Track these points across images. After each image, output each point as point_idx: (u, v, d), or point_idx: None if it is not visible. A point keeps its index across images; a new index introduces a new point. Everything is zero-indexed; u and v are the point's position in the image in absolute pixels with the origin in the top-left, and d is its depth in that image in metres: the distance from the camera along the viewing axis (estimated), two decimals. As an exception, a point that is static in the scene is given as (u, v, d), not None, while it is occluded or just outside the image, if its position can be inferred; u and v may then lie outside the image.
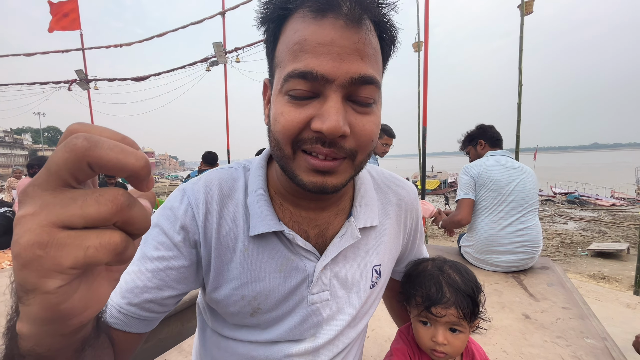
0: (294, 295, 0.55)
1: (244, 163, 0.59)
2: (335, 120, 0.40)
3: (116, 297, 0.47)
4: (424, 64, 4.60)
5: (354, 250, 0.58)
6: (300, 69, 0.40)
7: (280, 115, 0.43)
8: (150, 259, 0.48)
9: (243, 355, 0.57)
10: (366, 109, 0.44)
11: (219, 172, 0.57)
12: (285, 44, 0.43)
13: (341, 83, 0.40)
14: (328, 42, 0.40)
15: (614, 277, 4.82)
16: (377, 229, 0.61)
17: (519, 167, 1.94)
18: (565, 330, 1.24)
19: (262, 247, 0.53)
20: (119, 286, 0.47)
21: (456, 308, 0.64)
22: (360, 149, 0.45)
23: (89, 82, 9.54)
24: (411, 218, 0.67)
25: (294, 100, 0.42)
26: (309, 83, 0.41)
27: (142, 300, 0.47)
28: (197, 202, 0.51)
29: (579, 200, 12.62)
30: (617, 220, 8.94)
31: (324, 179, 0.44)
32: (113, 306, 0.46)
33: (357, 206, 0.58)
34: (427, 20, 4.39)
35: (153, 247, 0.49)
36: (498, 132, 2.13)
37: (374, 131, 0.45)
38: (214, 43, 8.00)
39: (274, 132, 0.45)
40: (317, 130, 0.41)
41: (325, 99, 0.41)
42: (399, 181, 0.67)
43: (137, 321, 0.48)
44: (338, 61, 0.40)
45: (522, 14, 4.71)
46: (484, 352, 0.73)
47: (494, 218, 1.89)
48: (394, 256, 0.66)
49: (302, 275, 0.54)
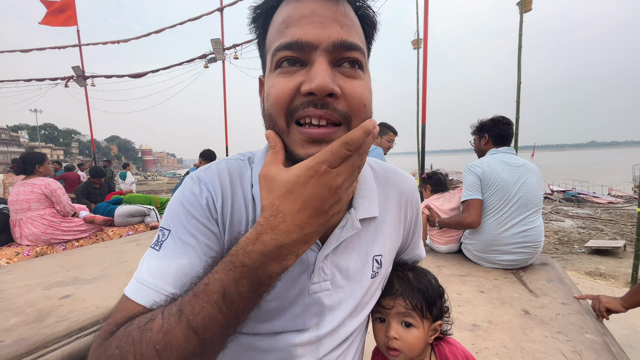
0: (296, 285, 0.55)
1: (248, 154, 0.60)
2: (322, 78, 0.41)
3: (169, 287, 0.46)
4: (423, 61, 4.59)
5: (355, 241, 0.59)
6: (286, 41, 0.43)
7: (272, 87, 0.45)
8: (193, 245, 0.49)
9: (246, 346, 0.56)
10: (353, 72, 0.45)
11: (227, 161, 0.57)
12: (274, 27, 0.46)
13: (325, 47, 0.43)
14: (309, 13, 0.43)
15: (611, 274, 4.85)
16: (378, 220, 0.61)
17: (523, 165, 1.89)
18: (565, 325, 1.24)
19: None
20: (170, 276, 0.46)
21: (404, 299, 0.66)
22: (353, 113, 0.45)
23: (86, 79, 9.46)
24: (412, 210, 0.68)
25: (283, 72, 0.44)
26: (295, 53, 0.43)
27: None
28: (215, 188, 0.53)
29: (576, 198, 12.68)
30: (614, 218, 8.99)
31: (320, 148, 0.43)
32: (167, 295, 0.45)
33: (357, 197, 0.58)
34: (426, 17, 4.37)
35: (189, 233, 0.49)
36: (509, 130, 2.00)
37: (365, 95, 0.46)
38: (212, 40, 7.96)
39: (267, 108, 0.46)
40: (306, 91, 0.42)
41: (312, 64, 0.43)
42: (399, 173, 0.68)
43: None
44: (319, 29, 0.43)
45: (521, 12, 4.71)
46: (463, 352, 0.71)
47: (498, 219, 1.86)
48: (394, 247, 0.66)
49: (303, 265, 0.55)
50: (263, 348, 0.56)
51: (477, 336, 1.18)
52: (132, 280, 0.48)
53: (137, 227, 3.41)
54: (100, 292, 1.57)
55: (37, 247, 2.63)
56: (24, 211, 2.66)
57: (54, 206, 2.79)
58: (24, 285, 1.69)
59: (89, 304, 1.43)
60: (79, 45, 9.28)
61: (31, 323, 1.27)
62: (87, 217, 3.04)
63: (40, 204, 2.71)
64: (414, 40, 6.58)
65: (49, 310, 1.37)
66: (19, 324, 1.26)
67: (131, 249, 2.43)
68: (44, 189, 2.72)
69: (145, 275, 0.47)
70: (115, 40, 9.37)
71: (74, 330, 1.23)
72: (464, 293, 1.55)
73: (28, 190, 2.70)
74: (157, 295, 0.45)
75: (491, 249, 1.87)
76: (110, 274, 1.85)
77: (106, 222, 3.16)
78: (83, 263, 2.08)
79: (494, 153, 1.97)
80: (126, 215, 3.39)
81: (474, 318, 1.31)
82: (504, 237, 1.82)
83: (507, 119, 2.04)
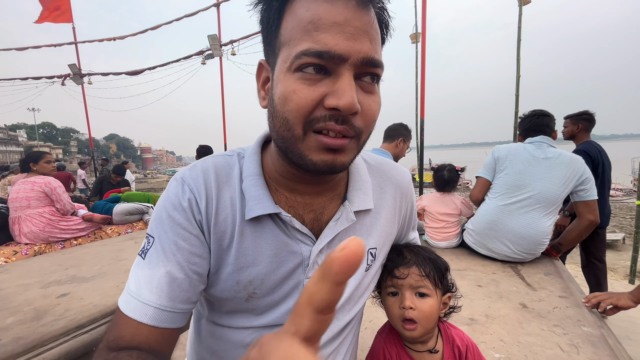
0: (290, 279, 0.55)
1: (237, 150, 0.59)
2: (351, 97, 0.41)
3: (155, 297, 0.47)
4: (422, 55, 4.55)
5: (349, 234, 0.58)
6: (317, 48, 0.40)
7: (292, 93, 0.42)
8: (174, 253, 0.49)
9: (238, 342, 0.56)
10: (372, 87, 0.45)
11: (214, 158, 0.56)
12: (296, 21, 0.42)
13: (354, 62, 0.41)
14: (342, 21, 0.40)
15: (610, 266, 4.87)
16: (372, 212, 0.61)
17: (551, 158, 1.78)
18: (562, 318, 1.24)
19: (257, 232, 0.53)
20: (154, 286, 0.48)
21: (417, 266, 0.66)
22: (365, 129, 0.46)
23: (82, 77, 9.41)
24: (406, 203, 0.68)
25: (306, 78, 0.42)
26: (323, 61, 0.41)
27: (180, 295, 0.49)
28: (198, 189, 0.52)
29: (575, 192, 12.68)
30: (613, 211, 9.00)
31: (334, 156, 0.44)
32: (154, 307, 0.47)
33: (351, 190, 0.58)
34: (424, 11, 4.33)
35: (172, 241, 0.49)
36: (535, 121, 1.92)
37: (377, 111, 0.46)
38: (209, 35, 7.90)
39: (284, 112, 0.43)
40: (332, 107, 0.41)
41: (339, 76, 0.42)
42: (393, 165, 0.68)
43: (179, 315, 0.50)
44: (352, 41, 0.41)
45: (520, 4, 4.67)
46: (467, 337, 0.72)
47: (504, 203, 1.83)
48: (389, 241, 0.66)
49: (298, 259, 0.54)
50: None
51: (474, 330, 1.18)
52: (124, 291, 0.50)
53: (136, 225, 3.41)
54: (97, 290, 1.58)
55: (35, 245, 2.63)
56: (23, 209, 2.66)
57: (53, 204, 2.79)
58: (22, 284, 1.69)
59: (87, 302, 1.43)
60: (75, 42, 9.21)
61: (28, 322, 1.27)
62: (85, 216, 3.04)
63: (40, 202, 2.71)
64: (412, 34, 6.53)
65: (46, 309, 1.38)
66: (16, 322, 1.26)
67: (129, 247, 2.43)
68: (44, 187, 2.72)
69: (133, 287, 0.49)
70: (112, 37, 9.30)
71: (71, 329, 1.23)
72: (461, 287, 1.55)
73: (28, 188, 2.70)
74: (143, 308, 0.47)
75: (491, 233, 1.85)
76: (108, 272, 1.85)
77: (105, 221, 3.16)
78: (81, 261, 2.08)
79: (528, 142, 1.92)
80: (124, 213, 3.38)
81: (471, 312, 1.31)
82: (506, 223, 1.80)
83: (535, 112, 1.97)
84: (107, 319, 1.33)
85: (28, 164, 2.85)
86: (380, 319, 1.31)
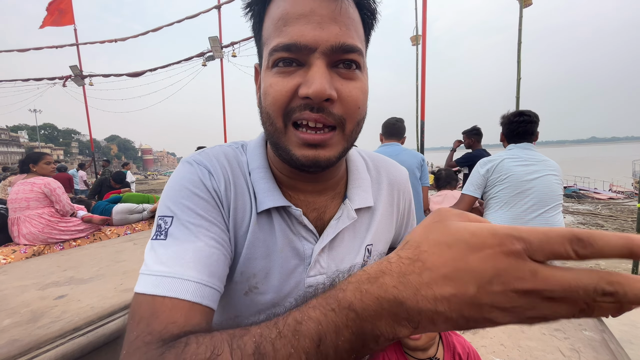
0: (291, 277, 0.54)
1: (240, 143, 0.59)
2: (320, 83, 0.41)
3: (195, 273, 0.41)
4: (422, 57, 4.56)
5: (350, 232, 0.58)
6: (284, 42, 0.42)
7: (269, 87, 0.44)
8: (201, 226, 0.45)
9: None
10: (350, 73, 0.44)
11: (222, 147, 0.56)
12: (270, 20, 0.45)
13: (323, 50, 0.42)
14: (308, 12, 0.41)
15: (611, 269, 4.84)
16: (372, 210, 0.60)
17: (542, 161, 1.83)
18: (563, 322, 1.23)
19: (266, 225, 0.52)
20: (188, 261, 0.41)
21: None
22: (348, 116, 0.45)
23: (83, 78, 9.44)
24: (404, 199, 0.67)
25: (280, 72, 0.43)
26: (293, 54, 0.42)
27: (218, 269, 0.44)
28: (216, 171, 0.50)
29: (576, 194, 12.66)
30: (614, 214, 8.97)
31: (316, 152, 0.44)
32: (197, 282, 0.41)
33: (351, 188, 0.58)
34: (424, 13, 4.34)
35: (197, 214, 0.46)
36: (523, 126, 1.86)
37: (360, 97, 0.45)
38: (210, 37, 7.94)
39: (265, 107, 0.45)
40: (304, 95, 0.42)
41: (310, 66, 0.42)
42: (389, 162, 0.68)
43: (218, 294, 0.44)
44: (318, 30, 0.41)
45: (521, 6, 4.67)
46: (468, 344, 0.71)
47: (514, 214, 1.80)
48: (387, 239, 0.65)
49: (299, 258, 0.54)
50: None
51: (474, 334, 1.17)
52: (142, 277, 0.41)
53: (135, 227, 3.41)
54: (95, 292, 1.57)
55: (34, 246, 2.63)
56: (22, 210, 2.66)
57: (52, 205, 2.79)
58: (19, 285, 1.68)
59: (84, 304, 1.42)
60: (77, 44, 9.25)
61: (25, 324, 1.26)
62: (85, 217, 3.03)
63: (40, 202, 2.71)
64: (413, 36, 6.54)
65: (43, 311, 1.37)
66: (12, 324, 1.25)
67: (128, 249, 2.43)
68: (43, 188, 2.72)
69: (158, 267, 0.41)
70: (113, 39, 9.34)
71: (67, 331, 1.22)
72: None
73: (28, 189, 2.70)
74: (182, 284, 0.39)
75: None
76: (106, 273, 1.84)
77: (104, 222, 3.15)
78: (79, 263, 2.07)
79: (512, 148, 1.90)
80: (125, 212, 3.38)
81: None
82: None
83: (522, 113, 1.88)
84: (104, 322, 1.32)
85: (28, 165, 2.85)
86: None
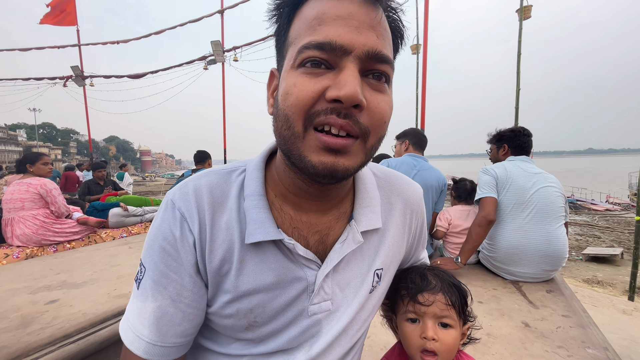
0: (294, 306, 0.51)
1: (238, 164, 0.55)
2: (353, 87, 0.38)
3: (147, 332, 0.48)
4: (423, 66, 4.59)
5: (357, 255, 0.55)
6: (319, 40, 0.39)
7: (293, 86, 0.40)
8: (165, 286, 0.48)
9: None
10: (380, 86, 0.42)
11: (208, 177, 0.52)
12: (302, 21, 0.42)
13: (358, 55, 0.39)
14: (346, 15, 0.39)
15: (608, 281, 4.83)
16: (380, 231, 0.57)
17: (541, 173, 1.86)
18: (566, 339, 1.21)
19: (258, 257, 0.49)
20: (145, 319, 0.48)
21: (443, 294, 0.61)
22: (373, 129, 0.42)
23: (84, 79, 9.44)
24: (417, 219, 0.63)
25: (307, 72, 0.40)
26: (325, 54, 0.39)
27: (172, 329, 0.49)
28: (190, 213, 0.48)
29: (574, 205, 12.69)
30: (611, 225, 8.99)
31: (335, 159, 0.40)
32: (146, 341, 0.48)
33: (358, 208, 0.54)
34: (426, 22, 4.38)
35: (163, 273, 0.48)
36: (529, 141, 2.01)
37: (387, 112, 0.43)
38: (212, 41, 7.96)
39: (284, 108, 0.41)
40: (333, 98, 0.38)
41: (342, 69, 0.39)
42: (404, 180, 0.63)
43: (173, 349, 0.50)
44: (356, 34, 0.39)
45: (520, 19, 4.73)
46: None
47: (517, 225, 1.79)
48: (397, 260, 0.62)
49: (302, 285, 0.51)
50: None
51: (475, 349, 1.14)
52: (124, 316, 0.51)
53: (131, 230, 3.36)
54: (88, 297, 1.53)
55: (27, 248, 2.58)
56: (17, 210, 2.61)
57: (48, 207, 2.75)
58: (10, 289, 1.64)
59: (76, 310, 1.38)
60: (79, 45, 9.26)
61: (14, 330, 1.22)
62: (80, 219, 2.99)
63: (35, 203, 2.67)
64: (413, 45, 6.60)
65: (33, 316, 1.33)
66: (1, 330, 1.22)
67: (123, 252, 2.39)
68: (39, 189, 2.68)
69: (129, 315, 0.50)
70: (115, 40, 9.36)
71: (57, 338, 1.18)
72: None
73: (23, 189, 2.66)
74: (138, 341, 0.48)
75: (512, 259, 1.79)
76: (100, 278, 1.80)
77: (100, 224, 3.10)
78: (73, 266, 2.03)
79: (512, 160, 1.95)
80: (121, 215, 3.34)
81: (472, 330, 1.27)
82: (525, 245, 1.75)
83: (527, 131, 2.03)
84: (95, 329, 1.28)
85: (24, 165, 2.82)
86: (378, 335, 1.27)
